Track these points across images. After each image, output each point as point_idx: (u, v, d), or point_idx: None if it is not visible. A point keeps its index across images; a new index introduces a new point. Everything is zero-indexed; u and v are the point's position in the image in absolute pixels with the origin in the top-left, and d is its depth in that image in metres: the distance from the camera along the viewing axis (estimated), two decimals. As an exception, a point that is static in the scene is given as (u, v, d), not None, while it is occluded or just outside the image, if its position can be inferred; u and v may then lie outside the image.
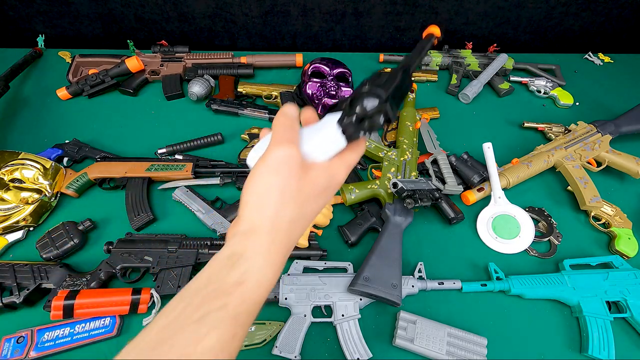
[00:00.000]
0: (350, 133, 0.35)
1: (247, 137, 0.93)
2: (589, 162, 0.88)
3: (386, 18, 1.19)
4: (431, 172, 0.84)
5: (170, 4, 1.14)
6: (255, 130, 0.94)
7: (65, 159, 0.89)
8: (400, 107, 0.36)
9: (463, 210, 0.81)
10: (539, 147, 0.91)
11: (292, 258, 0.73)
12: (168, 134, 0.95)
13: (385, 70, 0.42)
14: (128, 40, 1.09)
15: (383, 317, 0.69)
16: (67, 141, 0.90)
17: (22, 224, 0.76)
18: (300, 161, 0.33)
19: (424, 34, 0.44)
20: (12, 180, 0.79)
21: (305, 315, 0.66)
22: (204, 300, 0.28)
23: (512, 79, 1.12)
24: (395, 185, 0.73)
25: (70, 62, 1.09)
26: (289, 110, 0.36)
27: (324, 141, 0.36)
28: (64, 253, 0.72)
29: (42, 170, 0.80)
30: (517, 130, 1.01)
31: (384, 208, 0.76)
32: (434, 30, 0.44)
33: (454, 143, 0.95)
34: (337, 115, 0.36)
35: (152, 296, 0.66)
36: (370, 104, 0.35)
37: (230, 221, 0.77)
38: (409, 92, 0.38)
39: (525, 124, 0.99)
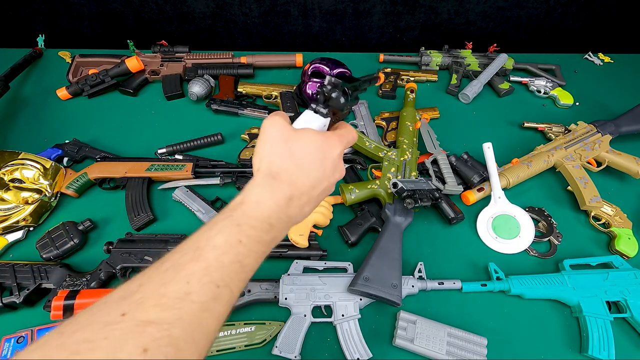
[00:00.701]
0: (317, 109, 0.44)
1: (247, 137, 0.93)
2: (589, 162, 0.88)
3: (386, 18, 1.19)
4: (431, 172, 0.84)
5: (170, 4, 1.14)
6: (255, 130, 0.94)
7: (65, 159, 0.89)
8: (354, 100, 0.48)
9: (463, 210, 0.81)
10: (539, 147, 0.91)
11: (292, 258, 0.73)
12: (168, 134, 0.95)
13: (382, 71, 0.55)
14: (128, 40, 1.09)
15: (383, 317, 0.69)
16: (67, 141, 0.90)
17: (22, 224, 0.76)
18: (286, 126, 0.40)
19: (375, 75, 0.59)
20: (12, 180, 0.79)
21: (305, 315, 0.66)
22: (217, 217, 0.36)
23: (512, 79, 1.12)
24: (395, 185, 0.73)
25: (70, 62, 1.09)
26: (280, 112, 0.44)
27: (303, 120, 0.44)
28: (64, 253, 0.72)
29: (42, 170, 0.80)
30: (517, 130, 1.01)
31: (384, 208, 0.76)
32: (381, 76, 0.61)
33: (454, 143, 0.95)
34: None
35: (152, 296, 0.66)
36: (329, 85, 0.44)
37: (230, 221, 0.77)
38: (364, 86, 0.52)
39: (525, 124, 0.99)
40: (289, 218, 0.39)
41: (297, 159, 0.39)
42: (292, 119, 0.47)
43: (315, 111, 0.44)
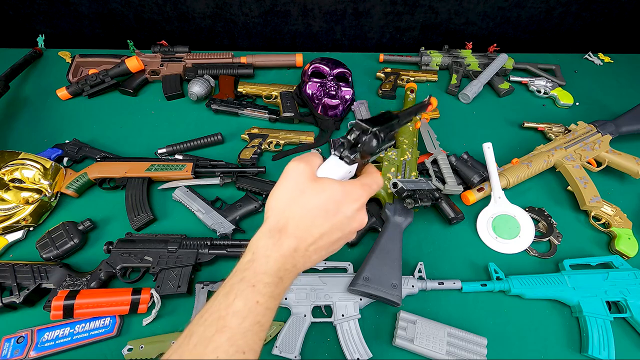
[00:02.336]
0: (344, 156, 0.42)
1: (247, 137, 0.93)
2: (589, 162, 0.88)
3: (386, 18, 1.19)
4: (431, 172, 0.84)
5: (170, 4, 1.14)
6: (255, 130, 0.94)
7: (65, 159, 0.89)
8: (389, 141, 0.45)
9: (463, 210, 0.81)
10: (539, 147, 0.91)
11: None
12: (168, 134, 0.95)
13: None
14: (128, 40, 1.09)
15: (383, 317, 0.69)
16: (67, 141, 0.90)
17: (22, 224, 0.76)
18: (308, 173, 0.40)
19: (426, 102, 0.54)
20: (12, 180, 0.79)
21: (305, 315, 0.66)
22: (229, 279, 0.38)
23: (512, 79, 1.12)
24: (395, 185, 0.73)
25: (70, 62, 1.09)
26: (315, 152, 0.46)
27: (326, 165, 0.43)
28: (64, 253, 0.72)
29: (42, 170, 0.80)
30: (517, 130, 1.01)
31: (384, 208, 0.76)
32: (433, 102, 0.55)
33: (454, 143, 0.95)
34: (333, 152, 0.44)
35: (152, 296, 0.66)
36: (356, 129, 0.42)
37: (230, 221, 0.77)
38: (396, 129, 0.46)
39: (525, 124, 0.99)
40: (295, 268, 0.40)
41: (307, 211, 0.39)
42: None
43: (341, 157, 0.42)
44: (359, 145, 0.42)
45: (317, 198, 0.39)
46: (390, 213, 0.75)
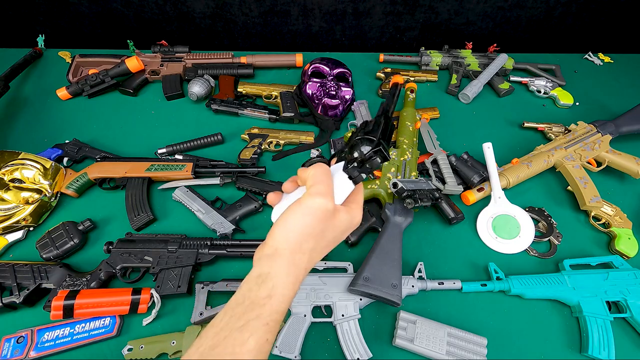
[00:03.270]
0: (355, 176, 0.43)
1: (247, 137, 0.93)
2: (589, 162, 0.88)
3: (386, 18, 1.19)
4: (431, 172, 0.84)
5: (170, 4, 1.14)
6: (255, 130, 0.94)
7: (65, 159, 0.89)
8: (388, 145, 0.47)
9: (463, 210, 0.81)
10: (539, 147, 0.91)
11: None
12: (168, 134, 0.95)
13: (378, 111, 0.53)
14: (128, 40, 1.09)
15: (383, 317, 0.69)
16: (67, 141, 0.90)
17: (22, 224, 0.76)
18: (331, 211, 0.41)
19: (390, 83, 0.56)
20: (12, 180, 0.79)
21: (305, 315, 0.66)
22: (244, 312, 0.37)
23: (512, 79, 1.12)
24: (395, 185, 0.73)
25: (70, 62, 1.09)
26: (324, 165, 0.44)
27: (337, 187, 0.43)
28: (64, 253, 0.72)
29: (42, 170, 0.80)
30: (517, 130, 1.01)
31: (384, 208, 0.76)
32: (398, 79, 0.58)
33: (454, 143, 0.95)
34: (337, 165, 0.45)
35: (152, 296, 0.66)
36: (366, 148, 0.43)
37: (230, 221, 0.77)
38: (393, 130, 0.49)
39: (525, 124, 0.99)
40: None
41: (322, 244, 0.42)
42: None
43: (350, 177, 0.43)
44: (367, 165, 0.44)
45: (332, 232, 0.42)
46: (390, 213, 0.75)
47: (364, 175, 0.44)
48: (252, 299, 0.38)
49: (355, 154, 0.43)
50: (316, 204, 0.40)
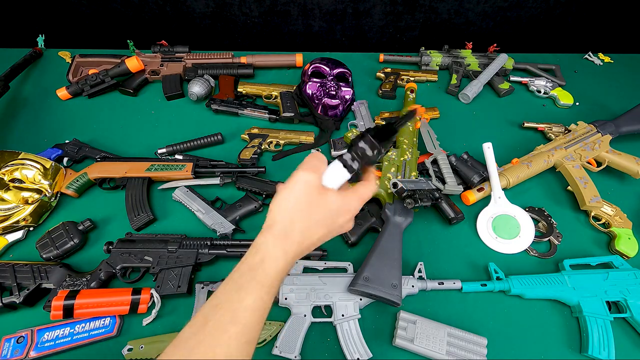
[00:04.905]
0: (348, 164, 0.46)
1: (247, 137, 0.93)
2: (589, 162, 0.88)
3: (386, 18, 1.19)
4: (431, 172, 0.84)
5: (170, 4, 1.14)
6: (255, 130, 0.94)
7: (65, 159, 0.89)
8: (388, 147, 0.52)
9: (463, 210, 0.81)
10: (539, 147, 0.91)
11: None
12: (168, 134, 0.95)
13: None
14: (128, 40, 1.09)
15: (383, 317, 0.69)
16: (67, 141, 0.90)
17: (22, 224, 0.76)
18: (316, 185, 0.44)
19: (410, 108, 0.57)
20: (12, 180, 0.79)
21: (305, 315, 0.66)
22: (240, 275, 0.42)
23: (512, 79, 1.12)
24: (395, 185, 0.73)
25: (70, 62, 1.09)
26: (320, 153, 0.48)
27: (330, 172, 0.47)
28: (64, 253, 0.72)
29: (42, 170, 0.80)
30: (517, 130, 1.01)
31: (384, 208, 0.76)
32: (420, 110, 0.58)
33: (454, 143, 0.95)
34: (338, 154, 0.47)
35: (152, 296, 0.66)
36: (361, 141, 0.46)
37: (230, 221, 0.77)
38: (395, 135, 0.49)
39: (525, 124, 0.99)
40: (290, 268, 0.46)
41: (312, 222, 0.44)
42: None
43: (344, 166, 0.46)
44: (362, 159, 0.46)
45: (322, 210, 0.45)
46: (390, 213, 0.75)
47: (355, 166, 0.46)
48: (248, 265, 0.42)
49: (352, 147, 0.47)
50: (302, 177, 0.44)
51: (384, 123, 0.52)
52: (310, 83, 0.97)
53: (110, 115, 1.00)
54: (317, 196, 0.44)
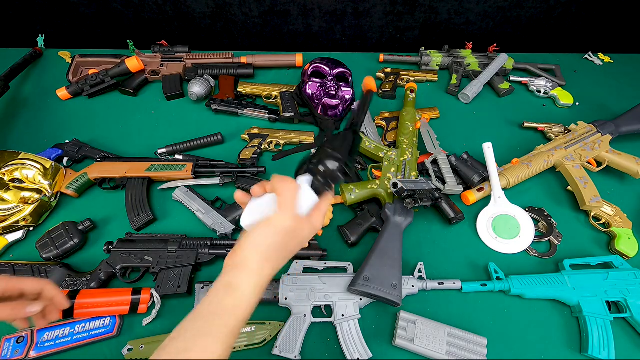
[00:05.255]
0: (320, 189, 0.47)
1: (247, 137, 0.93)
2: (589, 162, 0.88)
3: (386, 18, 1.19)
4: (431, 172, 0.84)
5: (170, 4, 1.14)
6: (255, 130, 0.94)
7: (65, 159, 0.89)
8: (352, 161, 0.53)
9: (463, 210, 0.81)
10: (539, 147, 0.91)
11: (292, 258, 0.73)
12: (168, 134, 0.95)
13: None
14: (128, 40, 1.09)
15: (383, 317, 0.69)
16: (67, 141, 0.90)
17: (22, 224, 0.76)
18: (296, 227, 0.45)
19: (364, 90, 0.56)
20: (12, 180, 0.79)
21: (305, 315, 0.66)
22: (212, 317, 0.40)
23: (512, 79, 1.12)
24: (395, 185, 0.73)
25: (70, 62, 1.09)
26: (293, 182, 0.46)
27: (302, 200, 0.46)
28: (64, 253, 0.72)
29: (42, 170, 0.80)
30: (517, 130, 1.01)
31: (384, 208, 0.76)
32: (371, 84, 0.57)
33: (454, 143, 0.95)
34: (304, 177, 0.48)
35: (152, 296, 0.66)
36: (332, 165, 0.47)
37: (230, 221, 0.77)
38: (359, 144, 0.53)
39: (525, 124, 0.99)
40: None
41: (286, 253, 0.47)
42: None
43: (318, 192, 0.47)
44: (329, 180, 0.48)
45: (295, 243, 0.47)
46: (390, 213, 0.75)
47: (327, 189, 0.48)
48: (221, 307, 0.41)
49: (321, 168, 0.47)
50: (286, 224, 0.44)
51: (340, 131, 0.53)
52: (310, 83, 0.97)
53: (110, 115, 1.00)
54: (294, 233, 0.45)
